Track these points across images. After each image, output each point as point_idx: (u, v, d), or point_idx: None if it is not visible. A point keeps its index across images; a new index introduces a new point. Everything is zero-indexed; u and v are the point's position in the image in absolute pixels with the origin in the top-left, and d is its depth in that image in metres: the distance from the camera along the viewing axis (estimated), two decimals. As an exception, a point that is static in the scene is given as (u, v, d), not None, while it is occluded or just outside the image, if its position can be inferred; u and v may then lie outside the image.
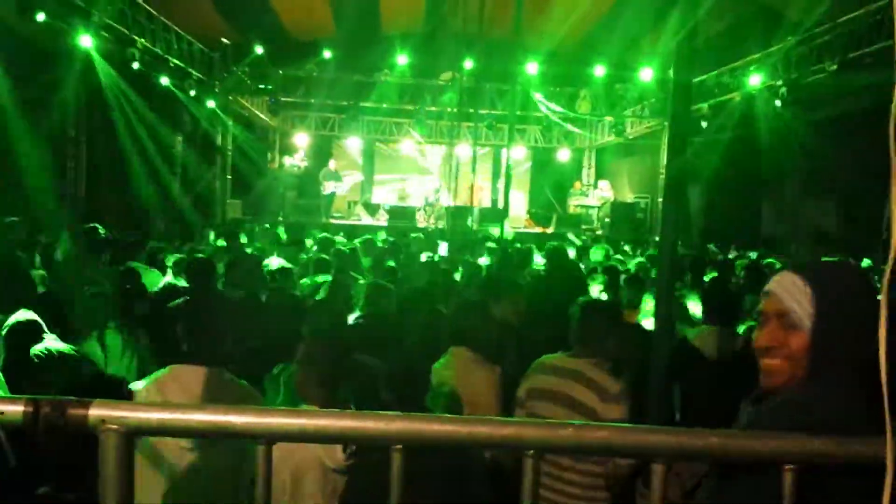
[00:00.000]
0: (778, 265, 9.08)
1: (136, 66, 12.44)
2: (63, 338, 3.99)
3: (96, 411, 1.15)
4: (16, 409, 1.14)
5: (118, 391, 3.69)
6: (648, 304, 5.73)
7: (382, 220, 19.47)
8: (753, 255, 11.83)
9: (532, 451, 1.19)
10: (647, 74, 16.74)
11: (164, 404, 1.19)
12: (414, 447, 1.20)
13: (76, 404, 1.15)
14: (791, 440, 1.17)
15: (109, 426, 1.15)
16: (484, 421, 1.24)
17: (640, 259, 9.39)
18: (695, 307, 6.51)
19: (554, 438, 1.19)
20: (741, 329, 4.73)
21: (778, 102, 13.33)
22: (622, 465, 3.10)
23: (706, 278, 7.95)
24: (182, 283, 6.14)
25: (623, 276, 7.23)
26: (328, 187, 19.77)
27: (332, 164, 20.73)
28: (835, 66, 11.56)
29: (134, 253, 7.70)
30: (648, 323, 4.82)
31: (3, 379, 3.57)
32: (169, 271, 6.80)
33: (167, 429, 1.18)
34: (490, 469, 3.05)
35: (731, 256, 11.98)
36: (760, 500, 1.25)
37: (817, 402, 1.33)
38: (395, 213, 19.08)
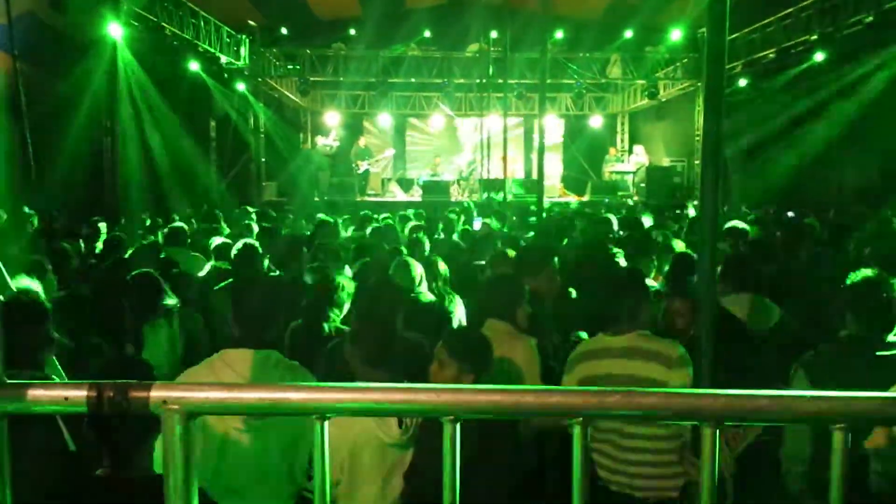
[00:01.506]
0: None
1: (165, 52, 12.56)
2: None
3: (157, 393, 1.19)
4: (79, 394, 1.18)
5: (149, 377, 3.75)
6: None
7: (417, 195, 19.49)
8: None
9: (580, 419, 1.20)
10: (676, 35, 16.43)
11: (223, 384, 1.22)
12: (463, 418, 1.22)
13: (138, 387, 1.19)
14: (840, 400, 1.15)
15: (171, 406, 1.18)
16: (530, 390, 1.25)
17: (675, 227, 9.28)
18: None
19: (601, 405, 1.20)
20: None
21: (820, 56, 12.98)
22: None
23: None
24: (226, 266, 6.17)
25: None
26: (361, 165, 19.79)
27: (362, 142, 20.75)
28: (871, 18, 11.22)
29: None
30: None
31: (56, 363, 3.65)
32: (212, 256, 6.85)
33: (226, 407, 1.22)
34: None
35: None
36: None
37: None
38: (428, 187, 19.07)
